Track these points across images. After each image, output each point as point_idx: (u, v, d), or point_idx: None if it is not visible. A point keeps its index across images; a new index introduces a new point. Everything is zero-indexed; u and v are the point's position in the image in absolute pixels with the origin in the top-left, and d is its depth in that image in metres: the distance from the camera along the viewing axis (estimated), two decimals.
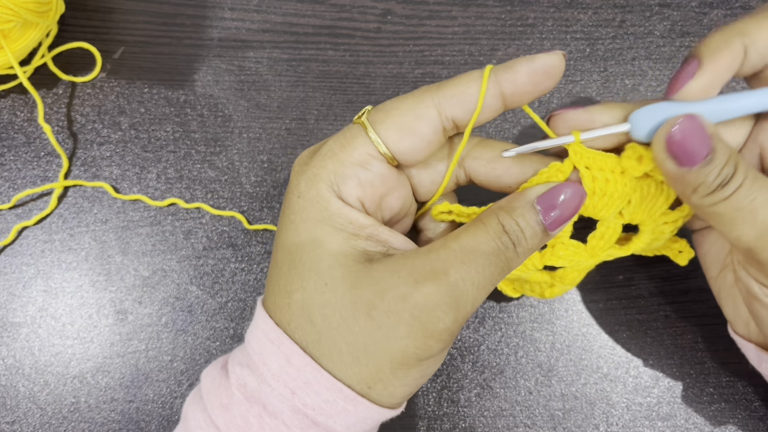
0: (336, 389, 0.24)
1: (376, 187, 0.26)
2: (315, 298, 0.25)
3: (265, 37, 0.42)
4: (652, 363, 0.38)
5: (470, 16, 0.43)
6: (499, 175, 0.28)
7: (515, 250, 0.25)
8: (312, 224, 0.25)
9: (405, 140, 0.25)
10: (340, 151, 0.26)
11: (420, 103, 0.25)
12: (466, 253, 0.24)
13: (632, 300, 0.39)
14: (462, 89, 0.25)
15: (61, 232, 0.39)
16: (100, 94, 0.41)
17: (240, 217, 0.39)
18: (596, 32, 0.43)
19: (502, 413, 0.38)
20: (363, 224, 0.25)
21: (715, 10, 0.43)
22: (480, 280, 0.24)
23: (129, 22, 0.42)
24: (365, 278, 0.24)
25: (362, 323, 0.24)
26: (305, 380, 0.25)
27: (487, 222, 0.25)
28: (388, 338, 0.24)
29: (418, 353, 0.24)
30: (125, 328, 0.38)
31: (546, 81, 0.25)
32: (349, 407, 0.25)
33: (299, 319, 0.25)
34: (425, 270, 0.24)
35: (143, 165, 0.40)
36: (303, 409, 0.25)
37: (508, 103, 0.26)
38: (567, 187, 0.26)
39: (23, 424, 0.37)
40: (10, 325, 0.38)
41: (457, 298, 0.24)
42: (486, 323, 0.39)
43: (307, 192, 0.26)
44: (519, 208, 0.25)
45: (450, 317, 0.24)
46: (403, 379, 0.25)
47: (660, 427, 0.37)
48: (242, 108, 0.41)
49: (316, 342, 0.25)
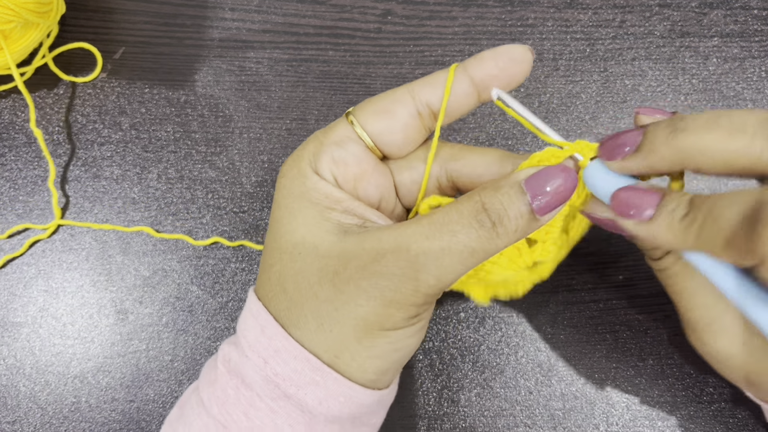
0: (303, 358, 0.25)
1: (349, 165, 0.27)
2: (289, 267, 0.26)
3: (265, 37, 0.42)
4: (652, 363, 0.38)
5: (470, 16, 0.43)
6: (480, 175, 0.28)
7: (494, 229, 0.24)
8: (291, 199, 0.27)
9: (381, 121, 0.27)
10: (322, 134, 0.28)
11: (395, 91, 0.27)
12: (432, 229, 0.24)
13: (632, 300, 0.39)
14: (433, 77, 0.27)
15: (62, 232, 0.39)
16: (100, 94, 0.41)
17: (221, 240, 0.39)
18: (596, 32, 0.43)
19: (503, 413, 0.38)
20: (338, 198, 0.26)
21: (715, 10, 0.43)
22: (445, 257, 0.24)
23: (129, 22, 0.42)
24: (334, 248, 0.25)
25: (326, 289, 0.25)
26: (275, 349, 0.25)
27: (465, 200, 0.24)
28: (349, 304, 0.24)
29: (380, 321, 0.24)
30: (126, 328, 0.38)
31: (513, 66, 0.26)
32: (318, 378, 0.25)
33: (275, 289, 0.26)
34: (389, 242, 0.24)
35: (144, 165, 0.40)
36: (274, 379, 0.25)
37: (480, 89, 0.27)
38: (559, 169, 0.24)
39: (24, 424, 0.37)
40: (11, 325, 0.38)
41: (416, 271, 0.24)
42: (486, 323, 0.39)
43: (288, 171, 0.27)
44: (504, 187, 0.24)
45: (409, 287, 0.24)
46: (370, 350, 0.25)
47: (660, 427, 0.37)
48: (243, 108, 0.41)
49: (287, 310, 0.26)
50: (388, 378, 0.27)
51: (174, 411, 0.29)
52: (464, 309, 0.39)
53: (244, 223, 0.40)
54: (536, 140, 0.41)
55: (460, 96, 0.27)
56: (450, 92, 0.26)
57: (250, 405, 0.25)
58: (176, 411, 0.29)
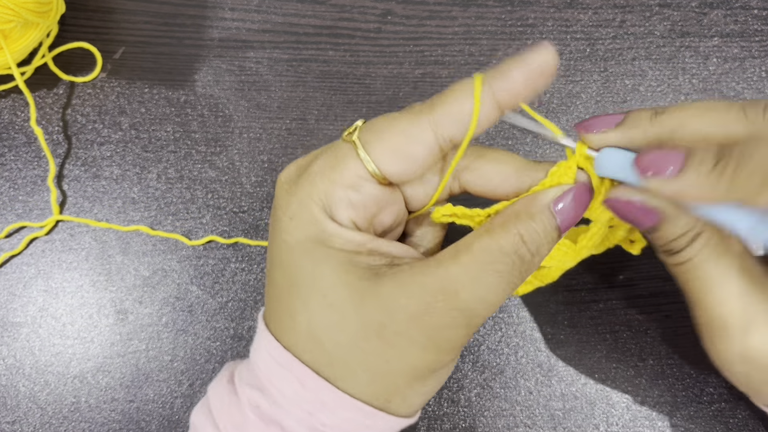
0: (355, 408, 0.24)
1: (368, 207, 0.25)
2: (321, 319, 0.24)
3: (265, 37, 0.42)
4: (652, 363, 0.38)
5: (470, 16, 0.43)
6: (496, 186, 0.27)
7: (533, 259, 0.24)
8: (309, 245, 0.25)
9: (399, 163, 0.25)
10: (331, 171, 0.25)
11: (414, 124, 0.24)
12: (478, 270, 0.23)
13: (632, 300, 0.39)
14: (458, 107, 0.24)
15: (62, 231, 0.39)
16: (100, 94, 0.41)
17: (219, 239, 0.39)
18: (596, 32, 0.43)
19: (502, 413, 0.38)
20: (361, 241, 0.25)
21: (715, 10, 0.43)
22: (492, 298, 0.23)
23: (129, 22, 0.42)
24: (372, 296, 0.24)
25: (373, 344, 0.24)
26: (322, 402, 0.24)
27: (503, 233, 0.24)
28: (401, 357, 0.24)
29: (431, 367, 0.25)
30: (126, 328, 0.38)
31: (541, 80, 0.24)
32: (369, 422, 0.25)
33: (306, 341, 0.25)
34: (435, 288, 0.23)
35: (144, 165, 0.40)
36: (322, 429, 0.25)
37: (503, 107, 0.25)
38: (578, 188, 0.25)
39: (24, 424, 0.37)
40: (11, 325, 0.38)
41: (468, 317, 0.23)
42: (486, 323, 0.39)
43: (299, 213, 0.25)
44: (537, 216, 0.24)
45: (461, 333, 0.24)
46: (419, 390, 0.26)
47: (660, 427, 0.37)
48: (243, 108, 0.41)
49: (328, 365, 0.24)
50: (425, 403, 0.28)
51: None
52: None
53: (243, 223, 0.40)
54: (537, 141, 0.41)
55: (484, 123, 0.25)
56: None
57: None
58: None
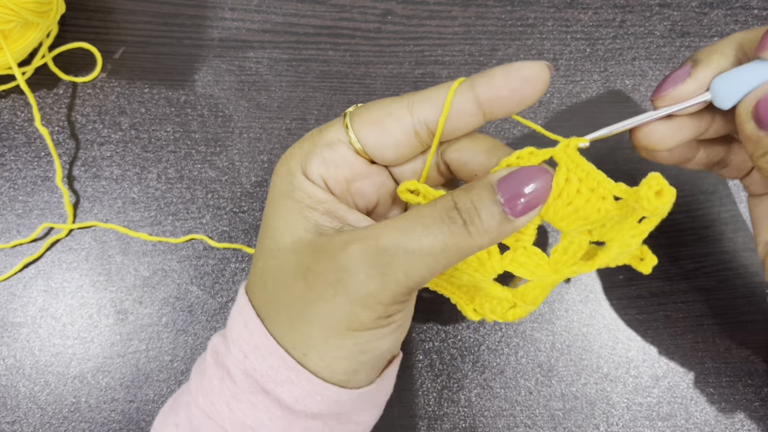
0: (278, 355, 0.25)
1: (339, 167, 0.27)
2: (269, 263, 0.26)
3: (265, 37, 0.42)
4: (652, 363, 0.38)
5: (470, 16, 0.43)
6: (467, 161, 0.27)
7: (466, 227, 0.23)
8: (277, 197, 0.27)
9: (373, 134, 0.26)
10: (317, 134, 0.27)
11: (395, 102, 0.26)
12: (404, 222, 0.24)
13: (632, 300, 0.39)
14: (435, 93, 0.26)
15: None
16: (100, 94, 0.41)
17: (244, 248, 0.39)
18: (596, 32, 0.43)
19: (503, 413, 0.38)
20: (320, 198, 0.26)
21: (715, 10, 0.43)
22: (415, 249, 0.23)
23: (129, 22, 0.42)
24: (310, 245, 0.25)
25: (299, 286, 0.25)
26: (255, 344, 0.25)
27: (439, 199, 0.24)
28: (317, 301, 0.24)
29: (345, 320, 0.24)
30: (126, 328, 0.38)
31: (525, 88, 0.24)
32: (292, 376, 0.25)
33: (257, 284, 0.27)
34: (359, 235, 0.24)
35: (144, 165, 0.40)
36: (253, 374, 0.25)
37: (486, 110, 0.25)
38: (533, 171, 0.24)
39: (24, 424, 0.37)
40: (11, 325, 0.38)
41: (384, 264, 0.23)
42: (486, 323, 0.39)
43: (279, 168, 0.27)
44: (476, 188, 0.24)
45: (375, 283, 0.23)
46: (337, 350, 0.25)
47: (660, 427, 0.37)
48: (242, 108, 0.41)
49: (266, 305, 0.26)
50: (362, 378, 0.26)
51: (168, 403, 0.30)
52: None
53: (244, 223, 0.40)
54: (537, 140, 0.41)
55: (463, 116, 0.25)
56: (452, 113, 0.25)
57: (232, 397, 0.26)
58: (170, 402, 0.29)
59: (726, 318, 0.38)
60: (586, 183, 0.25)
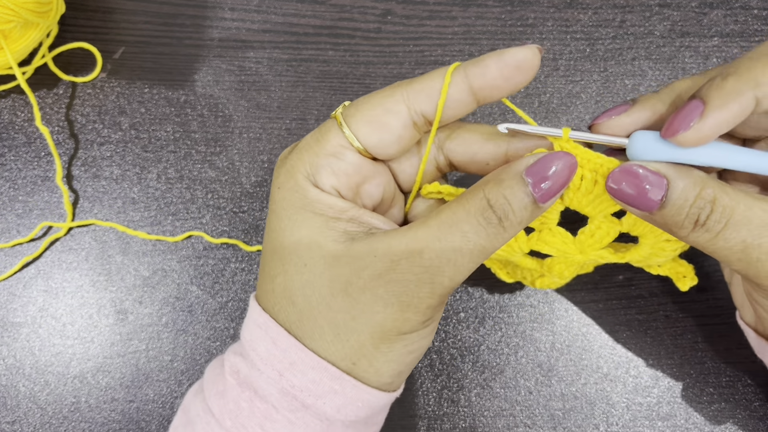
0: (321, 368, 0.25)
1: (350, 175, 0.27)
2: (296, 279, 0.25)
3: (265, 37, 0.42)
4: (652, 363, 0.38)
5: (470, 16, 0.43)
6: (475, 153, 0.28)
7: (501, 224, 0.24)
8: (292, 211, 0.26)
9: (374, 133, 0.26)
10: (315, 144, 0.27)
11: (389, 97, 0.26)
12: (443, 231, 0.24)
13: (632, 300, 0.39)
14: (429, 83, 0.25)
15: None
16: (100, 94, 0.41)
17: (240, 244, 0.39)
18: (596, 32, 0.43)
19: (502, 413, 0.38)
20: (342, 208, 0.26)
21: (715, 10, 0.43)
22: (457, 257, 0.24)
23: (129, 22, 0.42)
24: (343, 257, 0.25)
25: (340, 300, 0.25)
26: (291, 361, 0.25)
27: (471, 197, 0.24)
28: (366, 313, 0.24)
29: (397, 326, 0.25)
30: (126, 328, 0.38)
31: (518, 75, 0.24)
32: (336, 386, 0.25)
33: (282, 302, 0.26)
34: (401, 248, 0.24)
35: (143, 165, 0.40)
36: (291, 391, 0.25)
37: (479, 98, 0.26)
38: (558, 156, 0.24)
39: (24, 424, 0.37)
40: (11, 325, 0.38)
41: (432, 275, 0.24)
42: (486, 323, 0.39)
43: (286, 183, 0.27)
44: (506, 180, 0.24)
45: (425, 290, 0.24)
46: (387, 354, 0.25)
47: (660, 427, 0.37)
48: (242, 108, 0.41)
49: (298, 322, 0.25)
50: (402, 379, 0.28)
51: (179, 416, 0.29)
52: (464, 309, 0.39)
53: (243, 222, 0.40)
54: None
55: (457, 103, 0.26)
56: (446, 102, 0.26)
57: (265, 418, 0.25)
58: (181, 417, 0.28)
59: (726, 318, 0.38)
60: (600, 173, 0.26)
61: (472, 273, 0.36)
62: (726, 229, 0.23)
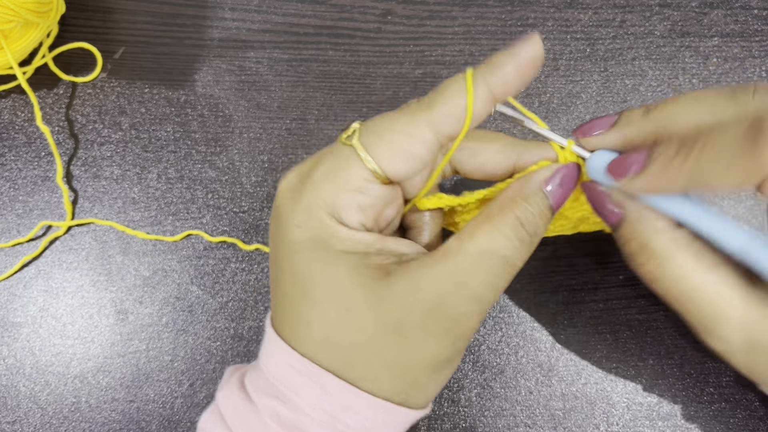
0: (378, 406, 0.25)
1: (376, 208, 0.26)
2: (338, 323, 0.25)
3: (265, 37, 0.42)
4: (652, 363, 0.38)
5: (470, 16, 0.43)
6: (483, 163, 0.28)
7: (531, 240, 0.25)
8: (320, 251, 0.25)
9: (400, 163, 0.25)
10: (335, 177, 0.25)
11: (413, 125, 0.25)
12: (484, 259, 0.24)
13: (632, 300, 0.39)
14: (454, 106, 0.24)
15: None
16: (100, 94, 0.41)
17: (237, 242, 0.39)
18: (596, 32, 0.43)
19: (503, 413, 0.38)
20: (370, 242, 0.25)
21: (715, 10, 0.43)
22: (500, 282, 0.25)
23: (129, 22, 0.42)
24: (387, 296, 0.24)
25: (392, 340, 0.24)
26: (345, 404, 0.25)
27: (503, 218, 0.25)
28: (420, 350, 0.25)
29: (448, 356, 0.25)
30: (126, 328, 0.38)
31: (532, 71, 0.25)
32: (389, 418, 0.25)
33: (324, 347, 0.25)
34: (446, 281, 0.24)
35: (144, 165, 0.40)
36: (345, 430, 0.25)
37: (498, 99, 0.26)
38: (566, 167, 0.27)
39: (24, 424, 0.37)
40: (11, 325, 0.38)
41: (480, 303, 0.25)
42: (486, 323, 0.39)
43: (308, 221, 0.25)
44: (531, 197, 0.25)
45: (475, 320, 0.25)
46: (436, 380, 0.26)
47: (660, 427, 0.37)
48: (243, 108, 0.41)
49: (348, 366, 0.25)
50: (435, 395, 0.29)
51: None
52: None
53: (243, 222, 0.40)
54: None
55: (482, 115, 0.25)
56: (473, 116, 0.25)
57: None
58: None
59: None
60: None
61: None
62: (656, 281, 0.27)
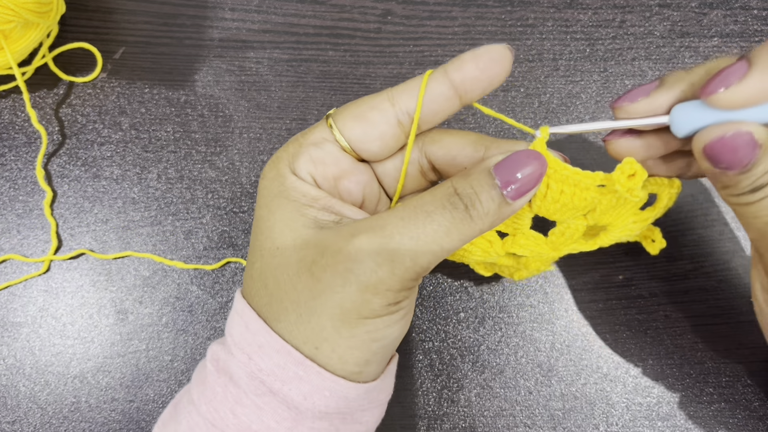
0: (285, 351, 0.25)
1: (327, 165, 0.27)
2: (269, 262, 0.26)
3: (265, 37, 0.42)
4: (652, 363, 0.38)
5: (470, 16, 0.43)
6: (454, 156, 0.28)
7: (467, 212, 0.24)
8: (270, 199, 0.27)
9: (358, 127, 0.27)
10: (302, 136, 0.28)
11: (375, 96, 0.27)
12: (407, 212, 0.25)
13: (632, 300, 0.39)
14: (412, 83, 0.27)
15: (62, 231, 0.39)
16: (100, 94, 0.41)
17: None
18: (596, 32, 0.43)
19: (502, 413, 0.38)
20: (315, 195, 0.27)
21: (715, 11, 0.43)
22: (420, 236, 0.24)
23: (129, 22, 0.42)
24: (312, 239, 0.25)
25: (304, 279, 0.25)
26: (259, 344, 0.25)
27: (439, 186, 0.25)
28: (326, 292, 0.24)
29: (356, 308, 0.24)
30: (126, 328, 0.38)
31: (494, 66, 0.26)
32: (301, 372, 0.25)
33: (257, 286, 0.27)
34: (363, 226, 0.25)
35: (144, 165, 0.40)
36: (259, 375, 0.25)
37: (461, 92, 0.26)
38: (527, 155, 0.25)
39: (24, 424, 0.37)
40: (11, 325, 0.38)
41: (392, 251, 0.24)
42: (486, 323, 0.39)
43: (268, 172, 0.28)
44: (474, 173, 0.25)
45: (384, 270, 0.24)
46: (349, 340, 0.25)
47: (660, 427, 0.37)
48: (243, 108, 0.41)
49: (268, 305, 0.26)
50: (372, 370, 0.27)
51: (167, 410, 0.29)
52: (464, 309, 0.39)
53: (244, 223, 0.40)
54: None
55: (441, 100, 0.27)
56: (429, 98, 0.26)
57: (236, 402, 0.26)
58: (170, 409, 0.29)
59: (726, 318, 0.38)
60: (566, 183, 0.26)
61: (472, 273, 0.36)
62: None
